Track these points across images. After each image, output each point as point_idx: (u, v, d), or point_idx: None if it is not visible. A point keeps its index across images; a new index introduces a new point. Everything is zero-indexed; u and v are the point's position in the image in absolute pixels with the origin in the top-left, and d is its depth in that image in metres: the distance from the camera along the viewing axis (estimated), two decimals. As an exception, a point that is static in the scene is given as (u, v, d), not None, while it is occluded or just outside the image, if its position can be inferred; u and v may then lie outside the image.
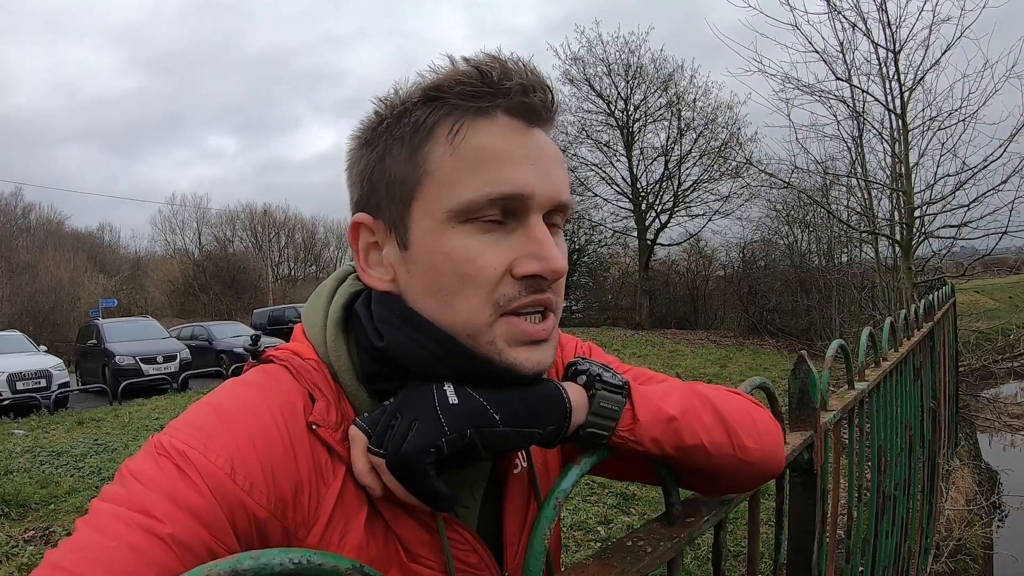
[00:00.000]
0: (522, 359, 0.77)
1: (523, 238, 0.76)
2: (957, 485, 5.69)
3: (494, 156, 0.75)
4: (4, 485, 5.73)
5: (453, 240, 0.75)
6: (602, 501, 5.41)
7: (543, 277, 0.76)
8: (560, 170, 0.80)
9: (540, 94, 0.77)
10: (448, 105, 0.76)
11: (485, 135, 0.76)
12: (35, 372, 14.37)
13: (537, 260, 0.75)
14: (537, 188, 0.76)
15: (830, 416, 1.76)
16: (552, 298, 0.78)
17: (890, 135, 9.34)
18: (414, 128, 0.77)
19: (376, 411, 0.76)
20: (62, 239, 44.61)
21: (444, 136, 0.76)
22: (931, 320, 4.24)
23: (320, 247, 51.70)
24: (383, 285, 0.81)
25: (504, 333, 0.76)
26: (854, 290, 13.97)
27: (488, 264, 0.75)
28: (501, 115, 0.77)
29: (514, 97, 0.76)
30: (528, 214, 0.76)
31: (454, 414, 0.72)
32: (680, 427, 0.84)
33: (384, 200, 0.80)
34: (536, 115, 0.78)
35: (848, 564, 2.16)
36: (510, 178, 0.75)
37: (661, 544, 0.92)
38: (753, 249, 22.09)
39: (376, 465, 0.72)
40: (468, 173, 0.75)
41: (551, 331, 0.79)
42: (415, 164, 0.77)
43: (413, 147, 0.77)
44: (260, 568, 0.49)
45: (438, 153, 0.76)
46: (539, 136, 0.79)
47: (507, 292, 0.75)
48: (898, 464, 2.82)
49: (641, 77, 23.79)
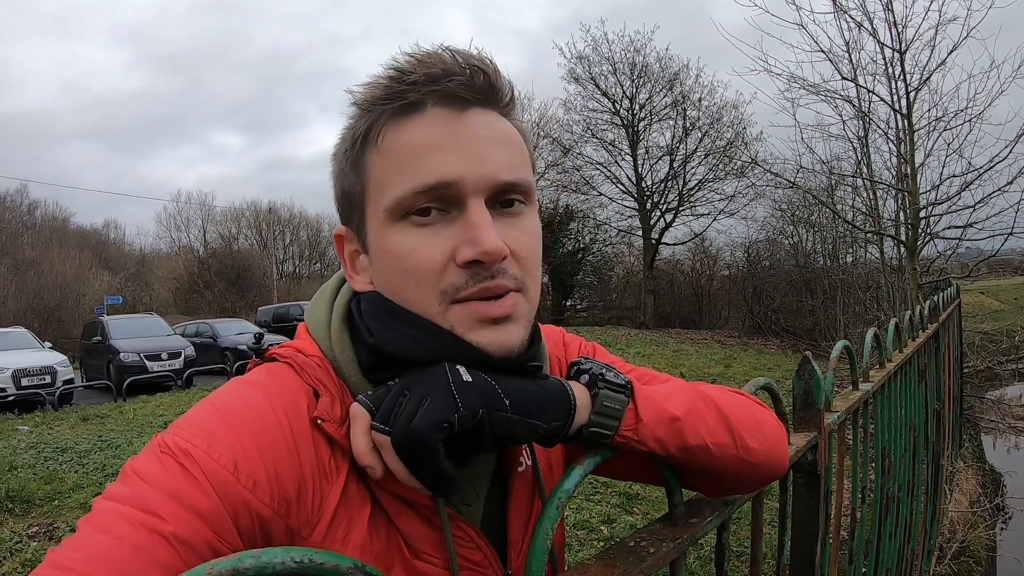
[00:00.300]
0: (484, 341, 0.76)
1: (461, 225, 0.76)
2: (961, 487, 5.68)
3: (417, 150, 0.76)
4: (8, 481, 5.75)
5: (393, 238, 0.78)
6: (605, 500, 5.41)
7: (481, 262, 0.75)
8: (502, 150, 0.79)
9: (460, 76, 0.77)
10: (375, 111, 0.79)
11: (408, 131, 0.77)
12: (40, 368, 14.42)
13: (471, 245, 0.75)
14: (466, 172, 0.76)
15: (834, 417, 1.75)
16: (505, 283, 0.77)
17: (896, 135, 9.33)
18: (352, 140, 0.82)
19: (380, 390, 0.75)
20: (67, 236, 44.75)
21: (373, 141, 0.79)
22: (936, 321, 4.22)
23: (325, 244, 51.71)
24: (365, 288, 0.85)
25: (459, 319, 0.76)
26: (859, 290, 13.94)
27: (425, 256, 0.76)
28: (431, 107, 0.77)
29: (433, 85, 0.76)
30: (465, 201, 0.76)
31: (468, 391, 0.72)
32: (684, 427, 0.84)
33: (348, 211, 0.85)
34: (462, 99, 0.78)
35: (851, 565, 2.15)
36: (432, 168, 0.75)
37: (664, 544, 0.92)
38: (758, 249, 22.08)
39: (380, 444, 0.71)
40: (395, 172, 0.77)
41: (510, 308, 0.78)
42: (357, 173, 0.82)
43: (354, 158, 0.82)
44: (261, 567, 0.49)
45: (370, 158, 0.80)
46: (474, 119, 0.79)
47: (454, 281, 0.76)
48: (902, 465, 2.81)
49: (646, 76, 23.80)
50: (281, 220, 50.78)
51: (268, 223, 48.35)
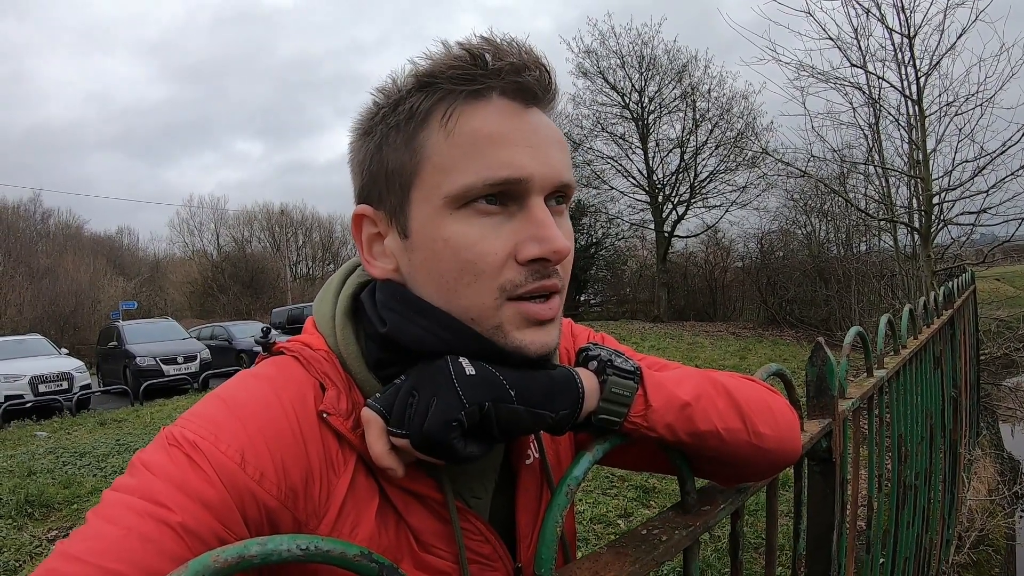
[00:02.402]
0: (527, 341, 0.76)
1: (524, 222, 0.75)
2: (979, 475, 5.62)
3: (490, 139, 0.74)
4: (28, 486, 5.79)
5: (452, 226, 0.75)
6: (622, 494, 5.40)
7: (547, 260, 0.75)
8: (560, 151, 0.79)
9: (535, 73, 0.76)
10: (441, 90, 0.76)
11: (479, 119, 0.75)
12: (57, 375, 14.54)
13: (538, 243, 0.74)
14: (536, 171, 0.75)
15: (849, 404, 1.74)
16: (557, 283, 0.78)
17: (907, 121, 9.23)
18: (409, 115, 0.77)
19: (388, 391, 0.75)
20: (81, 243, 45.02)
21: (438, 122, 0.76)
22: (951, 308, 4.19)
23: (338, 245, 51.76)
24: (387, 275, 0.82)
25: (511, 317, 0.76)
26: (873, 279, 13.83)
27: (488, 250, 0.74)
28: (496, 97, 0.76)
29: (507, 77, 0.75)
30: (528, 197, 0.75)
31: (472, 384, 0.71)
32: (694, 413, 0.83)
33: (384, 189, 0.80)
34: (532, 95, 0.78)
35: (868, 555, 2.14)
36: (507, 161, 0.74)
37: (676, 532, 0.91)
38: (771, 239, 21.92)
39: (402, 447, 0.71)
40: (464, 158, 0.74)
41: (556, 311, 0.78)
42: (412, 151, 0.77)
43: (409, 134, 0.77)
44: (267, 554, 0.49)
45: (433, 139, 0.76)
46: (536, 117, 0.79)
47: (513, 278, 0.75)
48: (919, 453, 2.79)
49: (655, 68, 23.62)
50: (294, 222, 50.84)
51: (281, 225, 48.39)
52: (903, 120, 9.34)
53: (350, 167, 0.86)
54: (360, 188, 0.84)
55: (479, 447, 0.72)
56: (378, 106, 0.81)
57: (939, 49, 8.51)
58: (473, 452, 0.71)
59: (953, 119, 8.70)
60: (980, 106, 8.36)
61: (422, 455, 0.71)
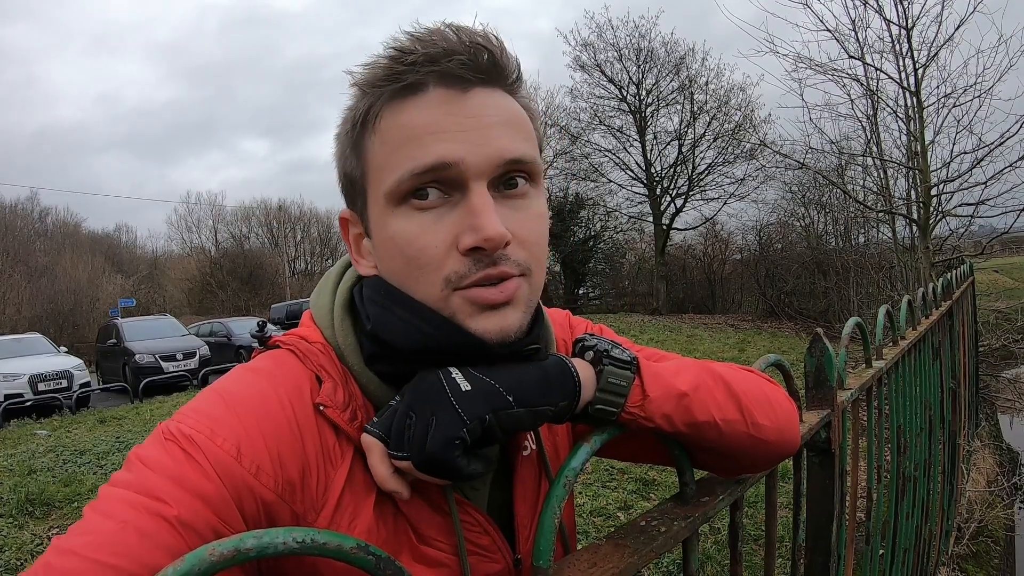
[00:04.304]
0: (484, 328, 0.75)
1: (463, 211, 0.74)
2: (978, 466, 5.64)
3: (415, 131, 0.74)
4: (28, 484, 5.79)
5: (394, 224, 0.76)
6: (622, 487, 5.40)
7: (482, 248, 0.73)
8: (506, 128, 0.77)
9: (462, 57, 0.74)
10: (373, 92, 0.77)
11: (406, 114, 0.75)
12: (56, 373, 14.56)
13: (472, 231, 0.73)
14: (467, 154, 0.73)
15: (847, 394, 1.74)
16: (507, 270, 0.75)
17: (905, 113, 9.24)
18: (352, 123, 0.80)
19: (384, 414, 0.74)
20: (79, 241, 45.03)
21: (371, 124, 0.77)
22: (950, 299, 4.19)
23: (336, 240, 51.58)
24: (370, 272, 0.84)
25: (460, 306, 0.75)
26: (872, 271, 13.85)
27: (427, 243, 0.74)
28: (432, 87, 0.75)
29: (433, 65, 0.74)
30: (467, 184, 0.74)
31: (470, 401, 0.71)
32: (691, 403, 0.83)
33: (351, 195, 0.84)
34: (465, 79, 0.76)
35: (868, 546, 2.14)
36: (430, 149, 0.73)
37: (675, 524, 0.91)
38: (769, 232, 21.92)
39: (405, 469, 0.71)
40: (394, 154, 0.75)
41: (511, 294, 0.76)
42: (357, 157, 0.80)
43: (354, 141, 0.80)
44: (263, 547, 0.49)
45: (369, 141, 0.78)
46: (478, 99, 0.76)
47: (457, 269, 0.74)
48: (918, 444, 2.79)
49: (652, 61, 23.54)
50: (292, 218, 50.89)
51: (279, 221, 48.44)
52: (901, 112, 9.35)
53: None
54: (342, 193, 0.87)
55: (482, 464, 0.72)
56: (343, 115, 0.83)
57: (937, 40, 8.52)
58: (476, 469, 0.71)
59: (951, 111, 8.72)
60: (978, 97, 8.38)
61: (425, 476, 0.71)
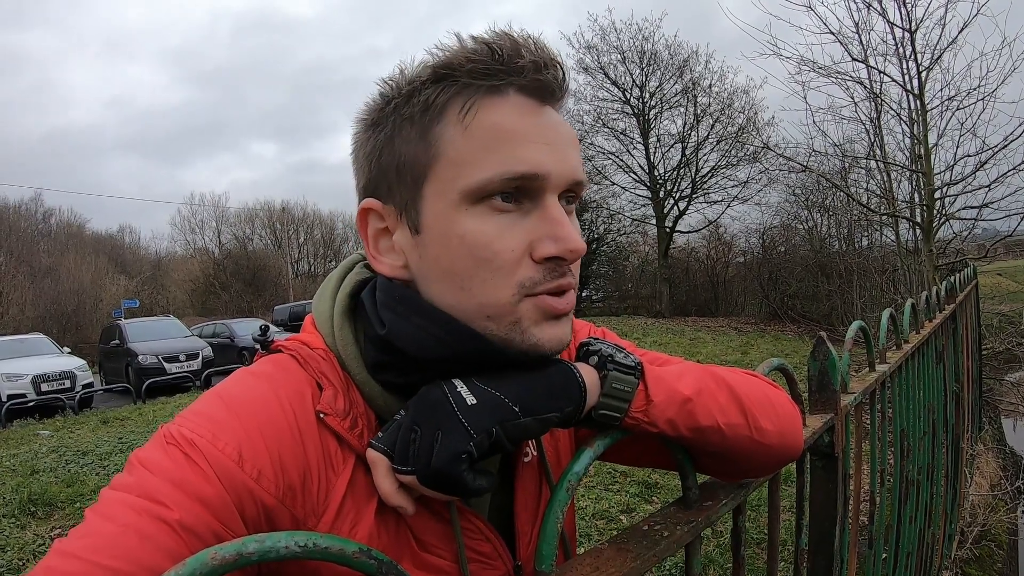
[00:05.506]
0: (545, 337, 0.75)
1: (539, 219, 0.74)
2: (981, 470, 5.62)
3: (508, 135, 0.73)
4: (31, 485, 5.79)
5: (467, 222, 0.73)
6: (624, 490, 5.39)
7: (562, 258, 0.74)
8: (574, 150, 0.78)
9: (552, 71, 0.75)
10: (459, 83, 0.74)
11: (498, 114, 0.74)
12: (59, 373, 14.59)
13: (555, 241, 0.73)
14: (552, 168, 0.74)
15: (851, 398, 1.74)
16: (572, 281, 0.77)
17: (908, 116, 9.24)
18: (424, 107, 0.75)
19: (389, 428, 0.74)
20: (83, 242, 44.99)
21: (456, 115, 0.74)
22: (953, 302, 4.18)
23: (339, 242, 51.72)
24: (394, 272, 0.80)
25: (529, 312, 0.75)
26: (875, 274, 13.85)
27: (504, 247, 0.73)
28: (513, 93, 0.75)
29: (526, 75, 0.74)
30: (543, 195, 0.74)
31: (476, 414, 0.70)
32: (695, 408, 0.82)
33: (394, 183, 0.78)
34: (549, 93, 0.77)
35: (871, 550, 2.13)
36: (525, 157, 0.73)
37: (678, 528, 0.91)
38: (773, 234, 21.87)
39: (410, 484, 0.71)
40: (482, 152, 0.73)
41: (571, 306, 0.78)
42: (426, 144, 0.75)
43: (424, 127, 0.75)
44: (265, 551, 0.49)
45: (450, 133, 0.74)
46: (552, 115, 0.77)
47: (531, 276, 0.74)
48: (921, 448, 2.78)
49: (656, 63, 23.54)
50: (295, 219, 50.84)
51: (282, 222, 48.46)
52: (904, 114, 9.35)
53: (354, 160, 0.83)
54: (367, 181, 0.81)
55: (487, 479, 0.72)
56: (387, 98, 0.78)
57: (940, 43, 8.52)
58: (482, 485, 0.70)
59: (955, 113, 8.72)
60: (982, 100, 8.37)
61: (430, 491, 0.70)
